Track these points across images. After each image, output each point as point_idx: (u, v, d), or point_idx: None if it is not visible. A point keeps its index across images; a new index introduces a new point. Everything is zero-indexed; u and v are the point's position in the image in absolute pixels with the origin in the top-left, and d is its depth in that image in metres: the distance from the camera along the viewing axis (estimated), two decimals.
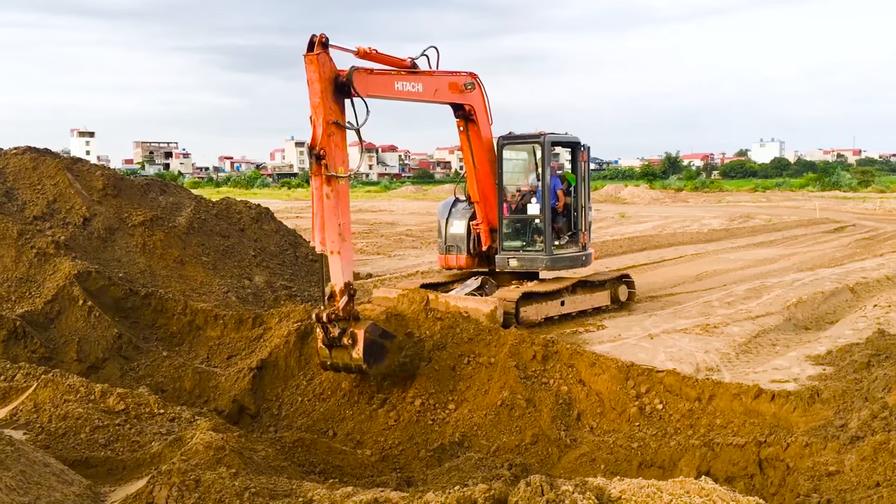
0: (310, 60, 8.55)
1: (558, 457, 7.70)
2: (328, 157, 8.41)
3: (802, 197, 55.59)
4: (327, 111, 8.54)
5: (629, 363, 8.78)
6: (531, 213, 13.03)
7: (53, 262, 11.81)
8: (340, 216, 8.49)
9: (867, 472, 5.73)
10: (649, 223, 33.36)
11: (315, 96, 8.55)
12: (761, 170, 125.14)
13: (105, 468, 6.38)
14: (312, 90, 8.57)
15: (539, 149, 12.99)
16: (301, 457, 7.40)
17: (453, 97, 11.73)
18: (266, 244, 16.44)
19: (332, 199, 8.45)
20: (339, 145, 8.63)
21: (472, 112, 12.16)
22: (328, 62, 8.69)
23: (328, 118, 8.53)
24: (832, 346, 10.55)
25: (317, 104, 8.52)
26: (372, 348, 8.42)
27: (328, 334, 8.35)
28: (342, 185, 8.56)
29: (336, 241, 8.43)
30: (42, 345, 10.21)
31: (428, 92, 10.88)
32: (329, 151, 8.43)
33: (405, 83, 10.35)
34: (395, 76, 10.22)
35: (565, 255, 13.21)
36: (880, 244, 23.94)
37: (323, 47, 8.62)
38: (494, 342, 9.22)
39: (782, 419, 7.56)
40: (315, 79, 8.53)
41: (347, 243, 8.61)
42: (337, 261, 8.42)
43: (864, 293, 14.92)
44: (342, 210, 8.54)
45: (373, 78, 9.56)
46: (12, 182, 14.08)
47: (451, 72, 11.66)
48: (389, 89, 10.07)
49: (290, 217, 32.38)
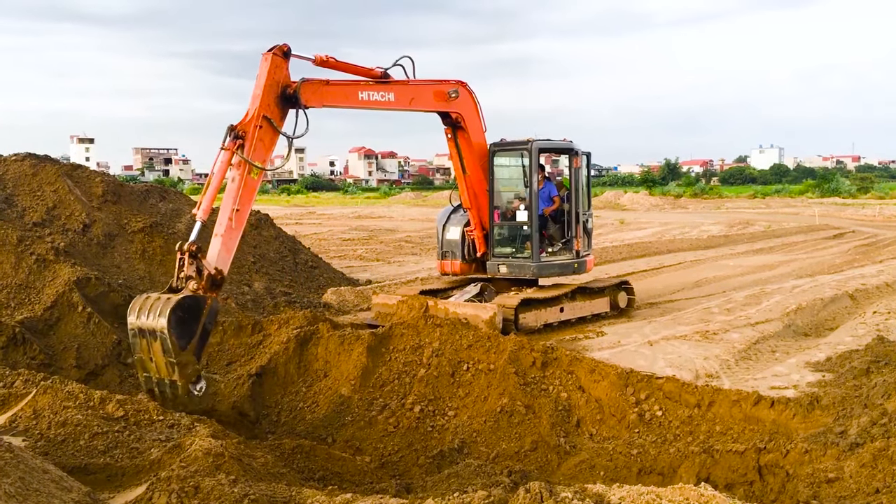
0: (264, 58, 8.89)
1: (558, 463, 7.70)
2: (247, 141, 8.50)
3: (802, 203, 55.62)
4: (262, 106, 8.74)
5: (629, 370, 8.78)
6: (520, 220, 13.04)
7: (53, 268, 11.81)
8: (240, 202, 8.45)
9: (867, 478, 5.73)
10: (649, 229, 33.37)
11: (257, 89, 8.81)
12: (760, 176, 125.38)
13: (104, 475, 6.37)
14: (257, 84, 8.84)
15: (527, 155, 13.00)
16: (300, 463, 7.39)
17: (437, 105, 11.79)
18: (265, 250, 16.45)
19: (237, 182, 8.45)
20: (262, 140, 8.72)
21: (459, 119, 12.20)
22: (281, 67, 8.99)
23: (261, 111, 8.71)
24: (832, 353, 10.55)
25: (256, 96, 8.76)
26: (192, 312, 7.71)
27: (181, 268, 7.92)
28: (253, 178, 8.58)
29: (223, 225, 8.37)
30: (41, 351, 10.20)
31: (402, 101, 10.99)
32: (249, 139, 8.52)
33: (371, 93, 10.47)
34: (357, 86, 10.36)
35: (554, 263, 13.20)
36: (880, 251, 23.96)
37: (284, 56, 8.97)
38: (494, 349, 9.22)
39: (782, 426, 7.56)
40: (262, 74, 8.84)
41: (236, 232, 8.44)
42: (217, 243, 8.28)
43: (864, 300, 14.92)
44: (245, 198, 8.52)
45: (329, 88, 9.76)
46: (12, 188, 14.10)
47: (436, 80, 11.72)
48: (352, 99, 10.24)
49: (289, 223, 32.42)
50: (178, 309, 7.59)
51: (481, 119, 12.53)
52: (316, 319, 10.80)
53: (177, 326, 7.59)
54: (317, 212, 49.38)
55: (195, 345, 7.84)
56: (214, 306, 8.04)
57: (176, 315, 7.57)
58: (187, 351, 7.75)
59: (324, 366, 9.75)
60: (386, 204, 62.14)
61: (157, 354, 7.72)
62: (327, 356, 9.79)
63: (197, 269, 7.93)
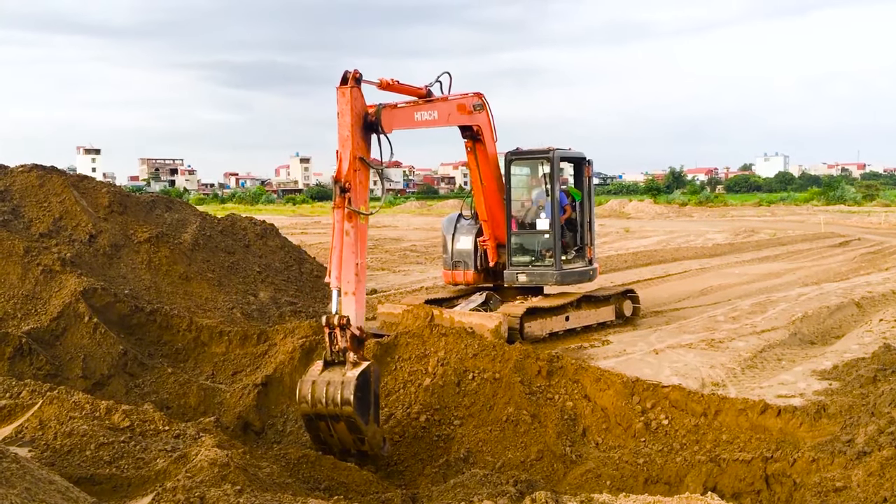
0: (342, 93, 8.45)
1: (564, 473, 7.68)
2: (352, 192, 8.24)
3: (807, 211, 55.52)
4: (355, 146, 8.41)
5: (634, 378, 8.76)
6: (540, 228, 13.06)
7: (59, 278, 11.85)
8: (358, 255, 8.28)
9: (874, 487, 5.70)
10: (654, 238, 33.34)
11: (345, 129, 8.41)
12: (766, 184, 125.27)
13: (110, 485, 6.38)
14: (342, 122, 8.44)
15: (547, 164, 13.05)
16: (306, 473, 7.39)
17: (462, 119, 11.78)
18: (271, 260, 16.48)
19: (352, 236, 8.24)
20: (363, 182, 8.47)
21: (479, 132, 12.24)
22: (360, 97, 8.61)
23: (355, 153, 8.39)
24: (838, 361, 10.51)
25: (346, 137, 8.39)
26: (366, 386, 7.79)
27: (333, 342, 7.92)
28: (362, 223, 8.37)
29: (352, 282, 8.19)
30: (47, 361, 10.22)
31: (442, 118, 10.94)
32: (354, 186, 8.26)
33: (423, 113, 10.35)
34: (414, 107, 10.20)
35: (574, 270, 13.23)
36: (885, 258, 23.88)
37: (356, 83, 8.55)
38: (499, 357, 9.22)
39: (789, 434, 7.53)
40: (346, 111, 8.43)
41: (362, 285, 8.38)
42: (351, 302, 8.16)
43: (870, 308, 14.87)
44: (360, 249, 8.34)
45: (396, 112, 9.50)
46: (18, 199, 14.15)
47: (460, 94, 11.71)
48: (410, 121, 10.03)
49: (295, 233, 32.47)
50: (357, 391, 7.64)
51: (493, 130, 12.60)
52: (321, 329, 10.80)
53: (359, 407, 7.66)
54: (322, 221, 49.43)
55: (374, 413, 7.94)
56: (377, 369, 8.15)
57: (356, 397, 7.63)
58: (371, 423, 7.84)
59: None
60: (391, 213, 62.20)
61: (343, 433, 7.81)
62: None
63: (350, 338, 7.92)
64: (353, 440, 7.79)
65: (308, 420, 7.91)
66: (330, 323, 7.88)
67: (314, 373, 7.89)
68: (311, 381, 7.81)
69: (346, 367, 7.78)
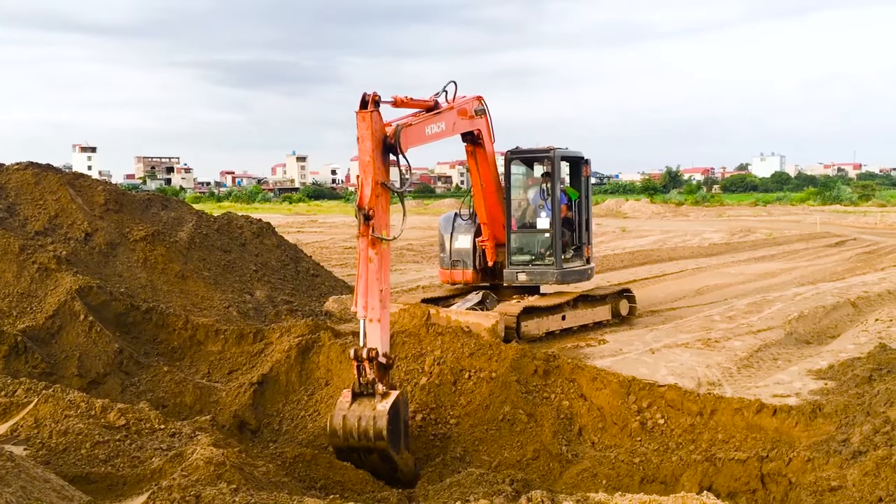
0: (363, 118, 8.19)
1: (560, 472, 7.69)
2: (375, 218, 8.10)
3: (803, 211, 55.63)
4: (377, 171, 8.21)
5: (630, 378, 8.76)
6: (541, 228, 13.06)
7: (55, 277, 11.83)
8: (382, 282, 8.19)
9: (870, 486, 5.71)
10: (650, 237, 33.37)
11: (365, 155, 8.21)
12: (762, 184, 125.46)
13: (105, 484, 6.37)
14: (363, 148, 8.23)
15: (548, 163, 13.05)
16: (302, 472, 7.39)
17: (465, 125, 11.60)
18: (267, 259, 16.46)
19: (376, 262, 8.12)
20: (384, 207, 8.34)
21: (479, 135, 12.18)
22: (380, 121, 8.37)
23: (377, 178, 8.21)
24: (834, 361, 10.53)
25: (367, 163, 8.20)
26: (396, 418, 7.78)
27: (362, 374, 7.89)
28: (385, 248, 8.25)
29: (377, 309, 8.09)
30: (43, 360, 10.21)
31: (448, 128, 10.73)
32: (377, 212, 8.12)
33: (433, 126, 10.11)
34: (425, 122, 9.91)
35: (574, 269, 13.23)
36: (881, 258, 23.93)
37: (375, 106, 8.30)
38: (496, 357, 9.22)
39: (784, 434, 7.54)
40: (367, 136, 8.20)
41: (387, 310, 8.29)
42: (376, 329, 8.06)
43: (866, 307, 14.90)
44: (384, 275, 8.24)
45: (411, 130, 9.23)
46: (14, 197, 14.13)
47: (461, 99, 11.49)
48: (422, 136, 9.81)
49: (291, 232, 32.44)
50: (389, 424, 7.62)
51: (492, 133, 12.54)
52: (318, 328, 10.80)
53: (392, 439, 7.66)
54: (318, 220, 49.42)
55: (405, 440, 7.97)
56: (405, 396, 8.17)
57: (388, 430, 7.61)
58: (402, 451, 7.86)
59: (325, 374, 9.76)
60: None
61: (376, 463, 7.80)
62: (329, 364, 9.79)
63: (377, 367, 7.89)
64: (387, 469, 7.80)
65: (339, 451, 7.88)
66: (358, 356, 7.84)
67: (343, 405, 7.81)
68: (341, 414, 7.75)
69: (375, 398, 7.74)
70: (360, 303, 8.04)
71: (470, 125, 11.76)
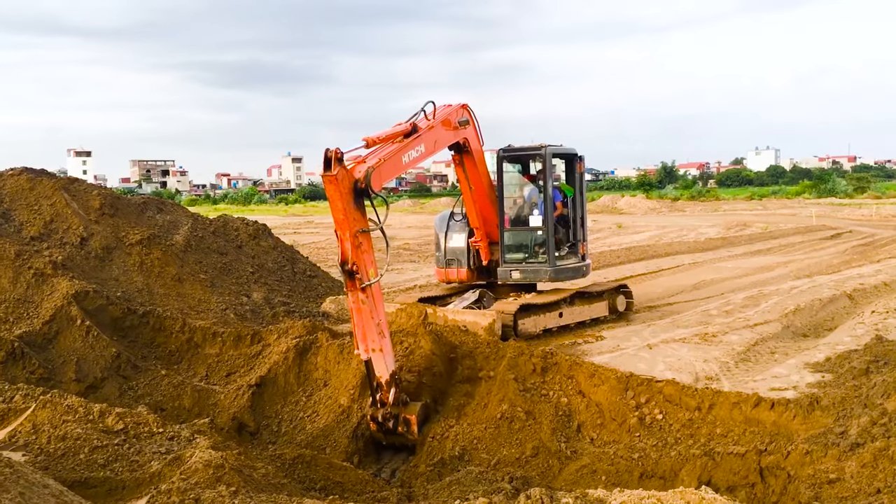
0: (329, 181, 8.04)
1: (559, 469, 7.69)
2: (360, 270, 8.08)
3: (799, 204, 55.69)
4: (352, 223, 8.13)
5: (628, 373, 8.77)
6: (534, 225, 13.06)
7: (51, 282, 11.81)
8: (378, 316, 8.26)
9: (868, 478, 5.73)
10: (646, 233, 33.40)
11: (338, 213, 8.11)
12: (757, 178, 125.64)
13: (104, 488, 6.36)
14: (335, 207, 8.13)
15: (539, 161, 13.05)
16: (301, 473, 7.39)
17: (448, 138, 11.36)
18: (264, 260, 16.45)
19: (368, 303, 8.16)
20: (367, 251, 8.26)
21: (465, 144, 12.04)
22: (345, 176, 8.16)
23: (354, 230, 8.13)
24: (831, 353, 10.55)
25: (341, 220, 8.11)
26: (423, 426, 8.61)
27: (385, 429, 8.49)
28: (375, 287, 8.28)
29: (377, 340, 8.23)
30: (40, 365, 10.18)
31: (429, 148, 10.42)
32: (360, 262, 8.09)
33: (410, 152, 9.83)
34: (399, 151, 9.54)
35: (568, 266, 13.24)
36: (877, 250, 23.98)
37: (339, 163, 8.13)
38: (493, 355, 9.22)
39: (782, 427, 7.55)
40: (336, 197, 8.07)
41: (387, 338, 8.42)
42: (380, 357, 8.25)
43: (862, 300, 14.94)
44: (378, 309, 8.30)
45: (383, 168, 8.98)
46: (9, 203, 14.10)
47: (444, 108, 11.25)
48: (399, 167, 9.62)
49: (287, 233, 32.42)
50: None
51: (480, 138, 12.43)
52: (315, 329, 10.80)
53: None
54: (315, 221, 49.39)
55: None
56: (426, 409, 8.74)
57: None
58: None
59: (323, 375, 9.75)
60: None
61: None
62: (327, 365, 9.78)
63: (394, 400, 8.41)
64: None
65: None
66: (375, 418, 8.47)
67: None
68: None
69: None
70: (362, 347, 8.26)
71: (454, 136, 11.51)
